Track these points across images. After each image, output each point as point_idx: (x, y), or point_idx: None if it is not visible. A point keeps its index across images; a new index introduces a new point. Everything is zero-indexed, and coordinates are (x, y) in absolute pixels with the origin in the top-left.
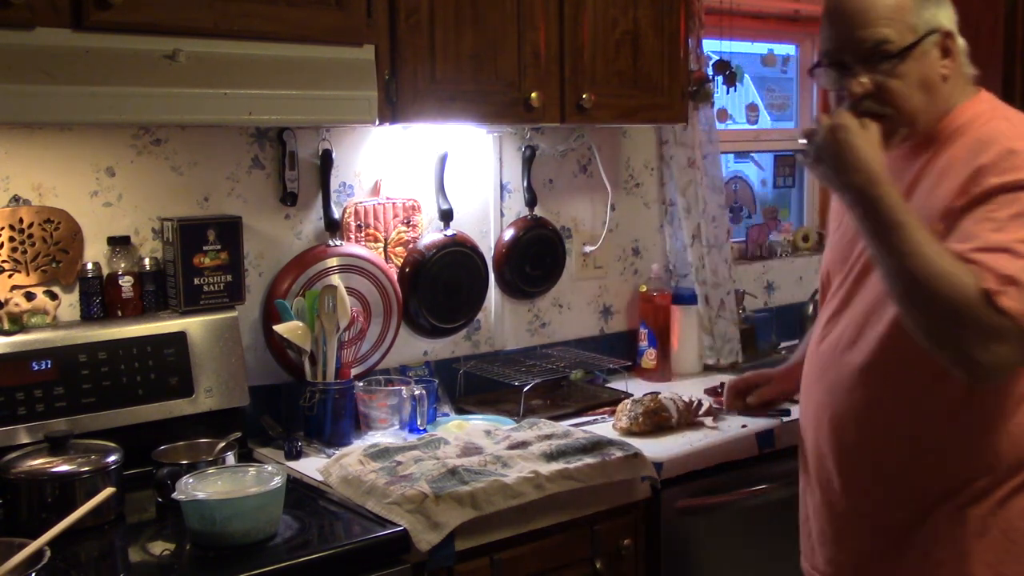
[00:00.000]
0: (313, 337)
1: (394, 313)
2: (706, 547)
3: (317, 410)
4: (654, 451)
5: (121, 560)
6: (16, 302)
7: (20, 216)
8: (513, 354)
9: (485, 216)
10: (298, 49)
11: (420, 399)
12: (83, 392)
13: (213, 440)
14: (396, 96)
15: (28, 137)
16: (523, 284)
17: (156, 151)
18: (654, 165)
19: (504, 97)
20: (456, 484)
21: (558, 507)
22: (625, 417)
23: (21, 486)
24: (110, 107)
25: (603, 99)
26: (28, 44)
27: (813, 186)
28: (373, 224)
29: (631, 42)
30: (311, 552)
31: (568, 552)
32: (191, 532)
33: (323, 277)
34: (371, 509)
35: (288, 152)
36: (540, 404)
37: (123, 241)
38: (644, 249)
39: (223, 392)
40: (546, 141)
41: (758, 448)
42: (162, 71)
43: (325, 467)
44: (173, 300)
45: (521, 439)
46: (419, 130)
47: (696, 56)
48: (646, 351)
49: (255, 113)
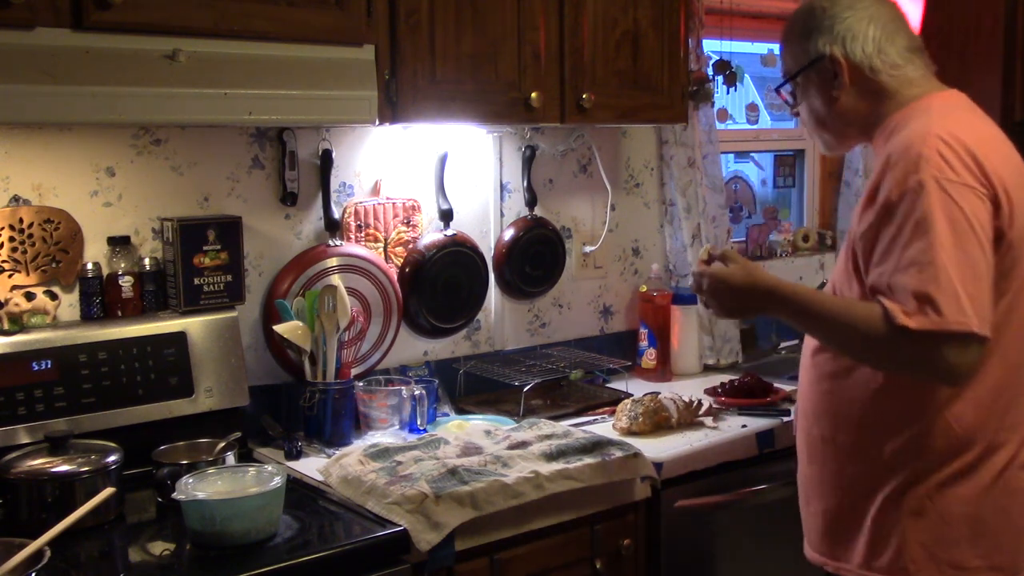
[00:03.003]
0: (313, 337)
1: (394, 313)
2: (706, 547)
3: (317, 410)
4: (654, 451)
5: (121, 560)
6: (16, 302)
7: (20, 216)
8: (513, 354)
9: (485, 216)
10: (298, 49)
11: (420, 399)
12: (83, 392)
13: (213, 440)
14: (396, 96)
15: (28, 137)
16: (523, 284)
17: (156, 151)
18: (654, 165)
19: (504, 97)
20: (456, 484)
21: (558, 507)
22: (625, 417)
23: (21, 486)
24: (110, 107)
25: (603, 99)
26: (28, 44)
27: (813, 186)
28: (373, 224)
29: (631, 42)
30: (311, 552)
31: (568, 552)
32: (191, 532)
33: (323, 277)
34: (371, 509)
35: (288, 152)
36: (540, 404)
37: (123, 241)
38: (644, 249)
39: (223, 392)
40: (546, 141)
41: (758, 448)
42: (162, 71)
43: (325, 467)
44: (173, 300)
45: (521, 439)
46: (419, 130)
47: (696, 56)
48: (646, 351)
49: (255, 113)
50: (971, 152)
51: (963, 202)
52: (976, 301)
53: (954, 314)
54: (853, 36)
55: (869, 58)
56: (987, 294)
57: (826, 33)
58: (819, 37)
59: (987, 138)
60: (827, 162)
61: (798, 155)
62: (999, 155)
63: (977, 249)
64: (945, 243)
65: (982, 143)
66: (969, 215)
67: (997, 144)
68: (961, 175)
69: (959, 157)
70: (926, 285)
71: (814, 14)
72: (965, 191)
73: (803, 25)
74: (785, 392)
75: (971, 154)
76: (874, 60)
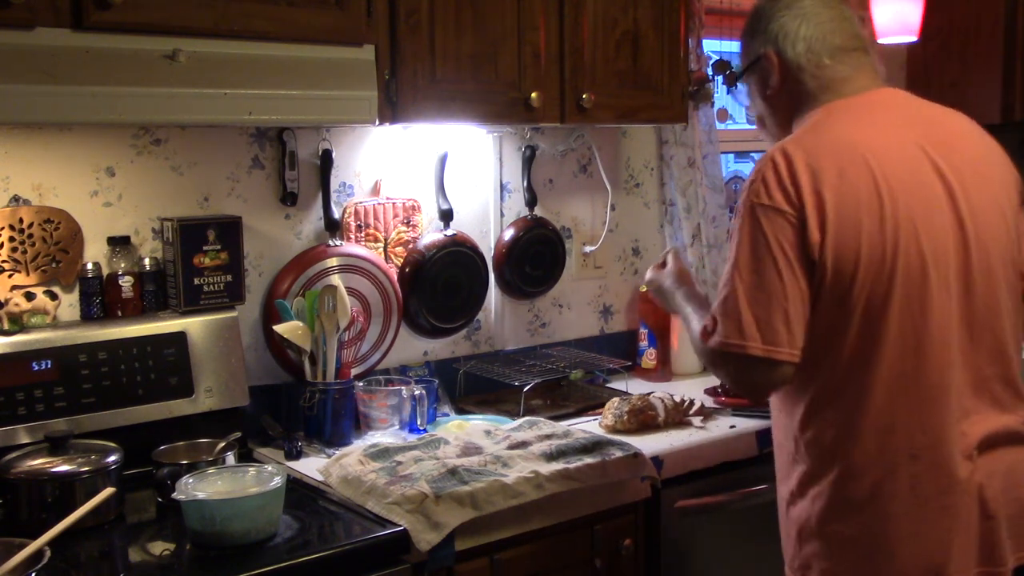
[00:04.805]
0: (313, 337)
1: (394, 313)
2: (706, 547)
3: (317, 410)
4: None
5: (121, 560)
6: (16, 302)
7: (20, 216)
8: (513, 354)
9: (485, 216)
10: (298, 49)
11: (420, 399)
12: (83, 392)
13: (213, 440)
14: (396, 96)
15: (28, 137)
16: (523, 284)
17: (156, 151)
18: (654, 165)
19: (504, 97)
20: (456, 484)
21: (558, 507)
22: (611, 415)
23: (21, 486)
24: (110, 107)
25: (603, 99)
26: (28, 44)
27: None
28: (373, 224)
29: (631, 42)
30: (311, 552)
31: (568, 552)
32: (191, 532)
33: (323, 277)
34: (371, 509)
35: (288, 152)
36: (540, 404)
37: (123, 241)
38: (644, 249)
39: (223, 392)
40: (546, 141)
41: (758, 448)
42: (162, 71)
43: (325, 467)
44: (173, 300)
45: (521, 439)
46: (419, 130)
47: (696, 56)
48: (646, 351)
49: (255, 113)
50: (797, 173)
51: (767, 226)
52: (763, 324)
53: (731, 335)
54: (785, 34)
55: (798, 57)
56: (782, 316)
57: (762, 33)
58: (758, 36)
59: (840, 153)
60: None
61: None
62: (847, 173)
63: (772, 273)
64: (742, 267)
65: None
66: (770, 239)
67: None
68: (774, 198)
69: (779, 179)
70: (718, 307)
71: (756, 14)
72: (773, 215)
73: (748, 26)
74: None
75: (795, 175)
76: (801, 59)
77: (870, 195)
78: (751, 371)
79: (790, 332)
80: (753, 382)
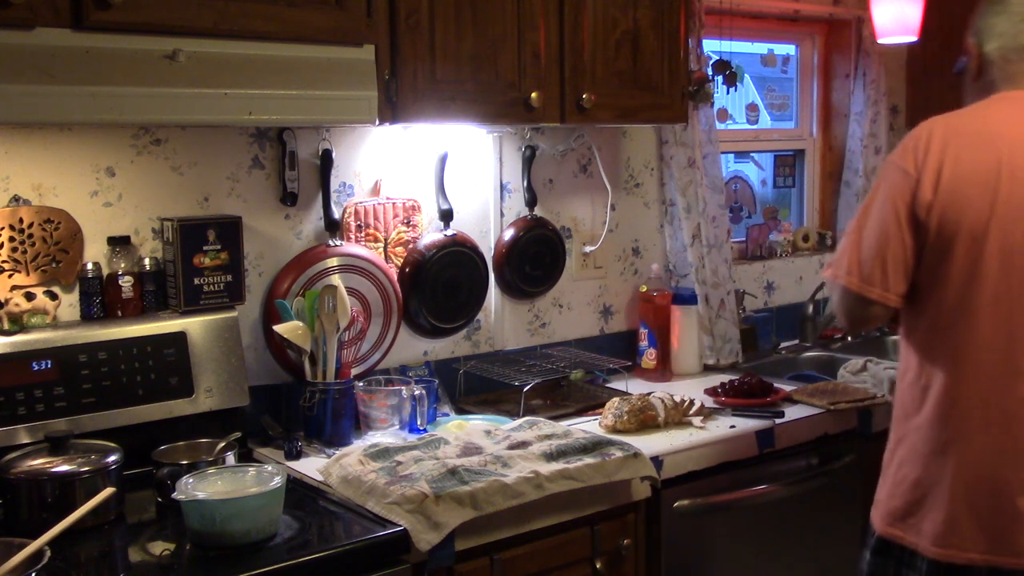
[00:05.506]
0: (313, 337)
1: (394, 313)
2: (706, 547)
3: (317, 410)
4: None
5: (121, 560)
6: (16, 302)
7: (20, 216)
8: (513, 354)
9: (485, 216)
10: (298, 49)
11: (420, 399)
12: (83, 392)
13: (213, 440)
14: (396, 96)
15: (28, 137)
16: (523, 284)
17: (156, 151)
18: (654, 165)
19: (504, 97)
20: (456, 484)
21: (558, 507)
22: (611, 415)
23: (21, 486)
24: (110, 107)
25: (603, 99)
26: (28, 44)
27: (813, 186)
28: (373, 224)
29: (631, 42)
30: (311, 552)
31: (568, 552)
32: (191, 532)
33: (323, 277)
34: (371, 509)
35: (288, 152)
36: (540, 404)
37: (123, 241)
38: (644, 249)
39: (223, 392)
40: (546, 141)
41: (758, 448)
42: (162, 71)
43: (325, 467)
44: (173, 300)
45: (521, 439)
46: (419, 130)
47: (696, 56)
48: (646, 351)
49: (255, 113)
50: (931, 143)
51: (892, 181)
52: (864, 264)
53: (839, 268)
54: (988, 30)
55: (991, 52)
56: (880, 261)
57: (975, 27)
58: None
59: (978, 134)
60: (827, 162)
61: (798, 155)
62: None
63: (883, 222)
64: (864, 212)
65: (964, 136)
66: (891, 192)
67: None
68: (905, 159)
69: (916, 146)
70: (841, 242)
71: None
72: (899, 173)
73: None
74: (785, 392)
75: (929, 144)
76: (993, 54)
77: (988, 175)
78: (848, 303)
79: (885, 275)
80: (851, 313)
